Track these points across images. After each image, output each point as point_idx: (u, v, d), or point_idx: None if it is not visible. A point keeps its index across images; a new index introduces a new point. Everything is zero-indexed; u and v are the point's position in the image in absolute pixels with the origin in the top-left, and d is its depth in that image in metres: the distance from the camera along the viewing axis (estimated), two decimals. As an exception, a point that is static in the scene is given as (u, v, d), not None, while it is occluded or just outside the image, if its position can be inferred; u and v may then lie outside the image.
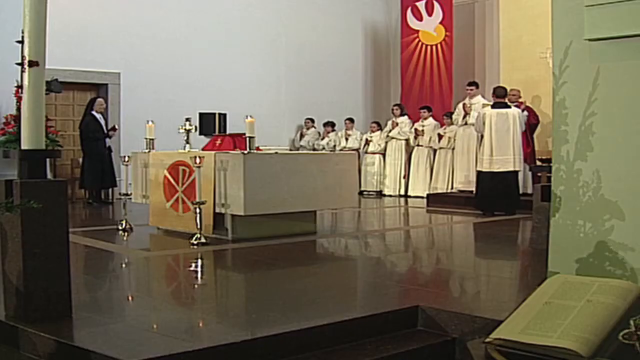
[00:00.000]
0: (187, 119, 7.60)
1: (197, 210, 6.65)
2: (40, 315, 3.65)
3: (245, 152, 6.70)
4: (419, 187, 13.43)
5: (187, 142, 7.49)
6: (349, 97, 15.91)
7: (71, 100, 12.19)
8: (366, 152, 14.08)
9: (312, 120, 14.92)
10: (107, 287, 5.23)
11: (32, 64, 3.68)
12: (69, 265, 3.77)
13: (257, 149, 6.98)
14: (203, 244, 6.65)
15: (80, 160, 11.49)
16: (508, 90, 10.40)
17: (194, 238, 6.69)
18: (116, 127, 11.54)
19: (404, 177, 13.76)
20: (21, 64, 3.69)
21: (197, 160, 6.59)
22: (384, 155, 14.03)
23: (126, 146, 11.71)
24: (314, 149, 14.36)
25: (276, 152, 7.35)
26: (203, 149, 7.74)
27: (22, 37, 3.71)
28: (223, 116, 13.55)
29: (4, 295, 3.84)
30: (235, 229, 7.01)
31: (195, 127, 7.58)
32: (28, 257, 3.62)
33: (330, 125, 14.80)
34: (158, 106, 12.18)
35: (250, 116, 6.78)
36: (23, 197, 3.54)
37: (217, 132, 13.10)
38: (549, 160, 6.83)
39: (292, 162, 7.10)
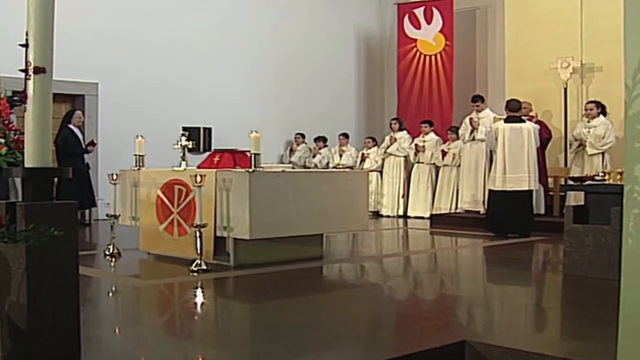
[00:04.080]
0: (183, 134, 7.41)
1: (198, 234, 6.43)
2: (46, 356, 3.41)
3: (250, 170, 6.51)
4: (419, 207, 13.30)
5: (184, 159, 7.28)
6: (342, 111, 15.78)
7: (45, 112, 11.91)
8: (362, 170, 13.91)
9: (303, 136, 14.76)
10: (105, 320, 4.99)
11: (38, 70, 3.49)
12: (79, 298, 3.54)
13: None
14: (204, 270, 6.44)
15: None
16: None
17: (194, 264, 6.47)
18: (95, 141, 11.28)
19: (403, 197, 13.62)
20: (25, 71, 3.48)
21: (198, 179, 6.38)
22: (381, 172, 13.89)
23: (104, 163, 11.48)
24: (305, 167, 14.18)
25: (283, 171, 7.17)
26: (199, 166, 7.51)
27: (26, 39, 3.50)
28: (208, 130, 13.35)
29: (0, 334, 3.59)
30: (237, 254, 6.80)
31: (193, 142, 7.39)
32: (33, 290, 3.38)
33: (321, 140, 14.64)
34: (139, 119, 11.94)
35: (256, 131, 6.61)
36: (28, 222, 3.31)
37: (202, 148, 12.92)
38: (581, 179, 6.72)
39: (301, 181, 6.93)
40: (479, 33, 14.98)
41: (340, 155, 14.28)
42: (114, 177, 7.64)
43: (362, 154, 14.12)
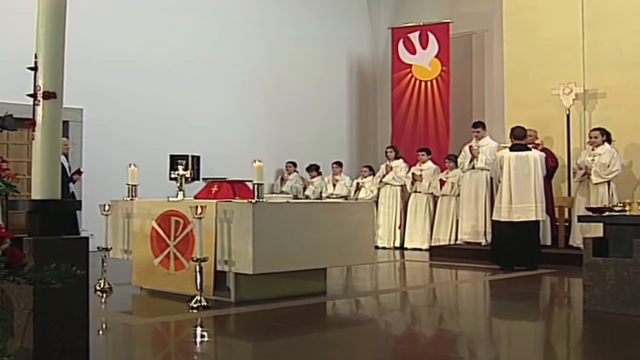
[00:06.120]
0: (180, 162, 7.28)
1: (197, 269, 6.27)
2: (53, 406, 3.25)
3: (254, 201, 6.37)
4: (416, 239, 13.18)
5: (181, 189, 7.14)
6: (333, 138, 15.72)
7: (25, 139, 11.69)
8: (357, 200, 13.81)
9: (294, 164, 14.65)
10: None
11: (48, 95, 3.37)
12: (89, 342, 3.38)
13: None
14: (204, 307, 6.27)
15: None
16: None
17: (194, 301, 6.31)
18: (81, 170, 11.10)
19: (400, 227, 13.49)
20: (34, 96, 3.35)
21: (198, 210, 6.24)
22: (376, 202, 13.76)
23: (89, 192, 11.31)
24: (296, 197, 14.04)
25: (287, 201, 7.05)
26: (196, 197, 7.38)
27: (35, 62, 3.39)
28: (196, 159, 13.21)
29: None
30: (238, 290, 6.64)
31: (192, 172, 7.26)
32: (40, 333, 3.24)
33: (314, 169, 14.53)
34: (124, 147, 11.85)
35: (259, 160, 6.47)
36: (37, 259, 3.17)
37: (190, 177, 12.76)
38: (599, 210, 6.66)
39: (305, 212, 6.80)
40: (475, 58, 15.01)
41: (334, 185, 14.16)
42: (106, 207, 7.49)
43: (357, 183, 14.01)
